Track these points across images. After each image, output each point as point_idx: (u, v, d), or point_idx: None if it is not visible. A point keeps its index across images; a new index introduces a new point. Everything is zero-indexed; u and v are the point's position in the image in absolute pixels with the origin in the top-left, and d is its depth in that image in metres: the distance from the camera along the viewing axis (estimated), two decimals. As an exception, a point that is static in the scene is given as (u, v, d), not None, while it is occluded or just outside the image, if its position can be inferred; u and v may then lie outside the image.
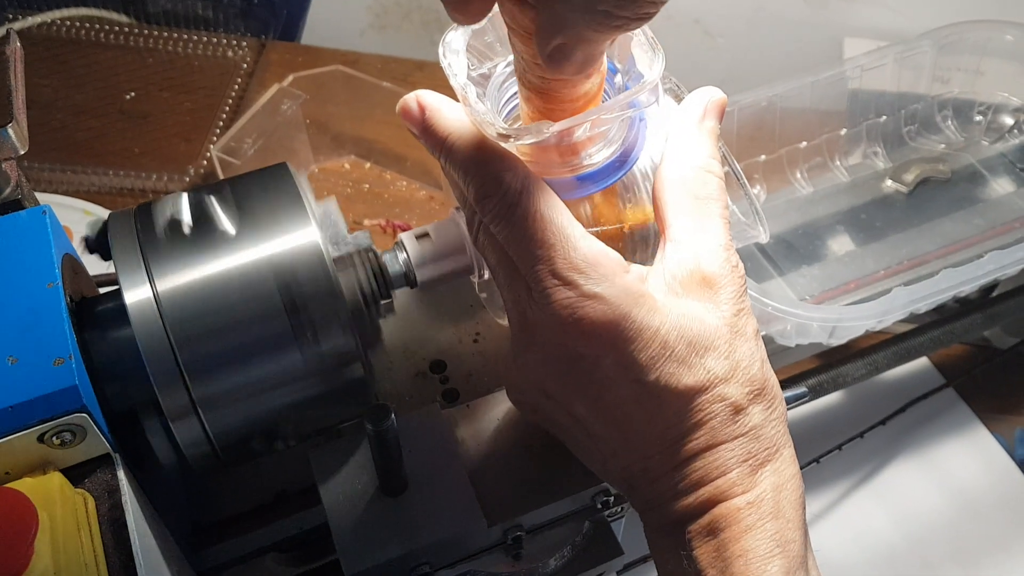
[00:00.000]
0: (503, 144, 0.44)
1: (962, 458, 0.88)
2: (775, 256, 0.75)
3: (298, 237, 0.46)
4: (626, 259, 0.48)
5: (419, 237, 0.53)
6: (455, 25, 0.47)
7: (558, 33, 0.34)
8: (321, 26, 1.31)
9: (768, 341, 0.67)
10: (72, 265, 0.48)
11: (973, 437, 0.89)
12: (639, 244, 0.50)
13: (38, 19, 1.19)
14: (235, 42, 1.19)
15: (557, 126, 0.42)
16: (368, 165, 1.08)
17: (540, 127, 0.42)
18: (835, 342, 0.66)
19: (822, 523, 0.83)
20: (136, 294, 0.44)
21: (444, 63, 0.46)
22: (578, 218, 0.49)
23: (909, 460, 0.87)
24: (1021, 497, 0.86)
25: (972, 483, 0.87)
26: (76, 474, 0.43)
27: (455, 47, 0.47)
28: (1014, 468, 0.87)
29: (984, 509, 0.85)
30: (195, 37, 1.20)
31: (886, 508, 0.84)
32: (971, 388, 0.92)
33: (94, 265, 0.92)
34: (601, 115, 0.44)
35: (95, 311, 0.47)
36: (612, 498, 0.52)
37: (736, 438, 0.43)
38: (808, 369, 0.73)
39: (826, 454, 0.78)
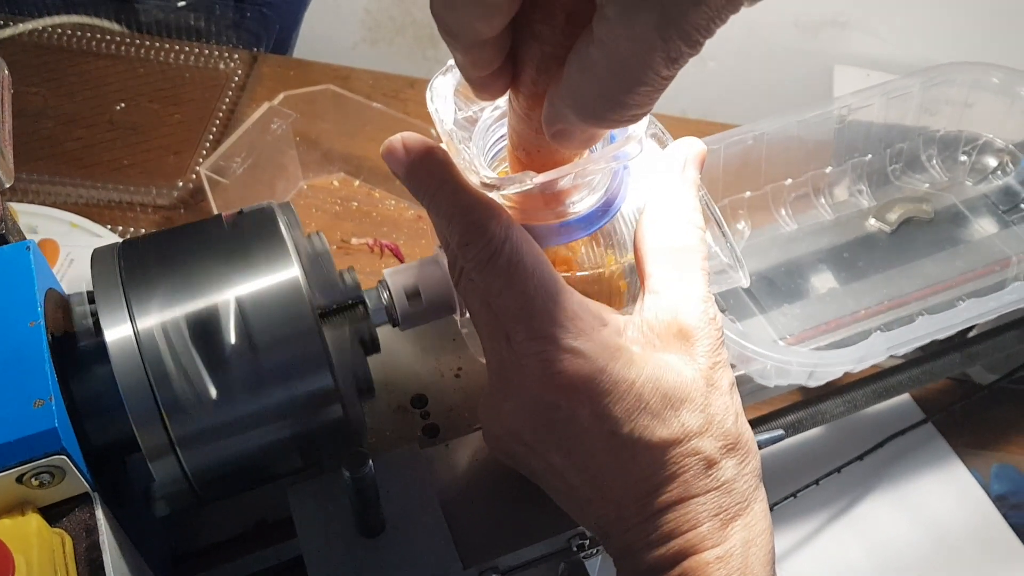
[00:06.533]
0: (487, 193, 0.44)
1: (938, 493, 0.88)
2: (757, 294, 0.76)
3: (280, 279, 0.46)
4: (607, 304, 0.49)
5: (402, 276, 0.53)
6: (443, 69, 0.48)
7: (559, 122, 0.37)
8: (314, 40, 1.32)
9: (747, 380, 0.68)
10: (55, 299, 0.48)
11: (950, 472, 0.90)
12: (620, 289, 0.51)
13: (29, 26, 1.19)
14: (227, 54, 1.19)
15: (540, 177, 0.43)
16: (357, 183, 1.08)
17: (524, 177, 0.43)
18: (814, 383, 0.67)
19: (799, 556, 0.84)
20: (116, 332, 0.44)
21: (431, 108, 0.46)
22: (561, 263, 0.49)
23: (886, 494, 0.88)
24: (995, 533, 0.87)
25: (948, 518, 0.87)
26: (54, 513, 0.43)
27: (442, 92, 0.47)
28: (989, 504, 0.88)
29: (959, 544, 0.86)
30: (187, 48, 1.20)
31: (862, 542, 0.85)
32: (949, 423, 0.92)
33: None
34: (587, 167, 0.44)
35: (77, 347, 0.47)
36: (588, 541, 0.53)
37: (708, 492, 0.43)
38: (787, 405, 0.74)
39: (803, 488, 0.78)
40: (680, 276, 0.46)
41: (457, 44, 0.36)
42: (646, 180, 0.50)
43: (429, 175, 0.45)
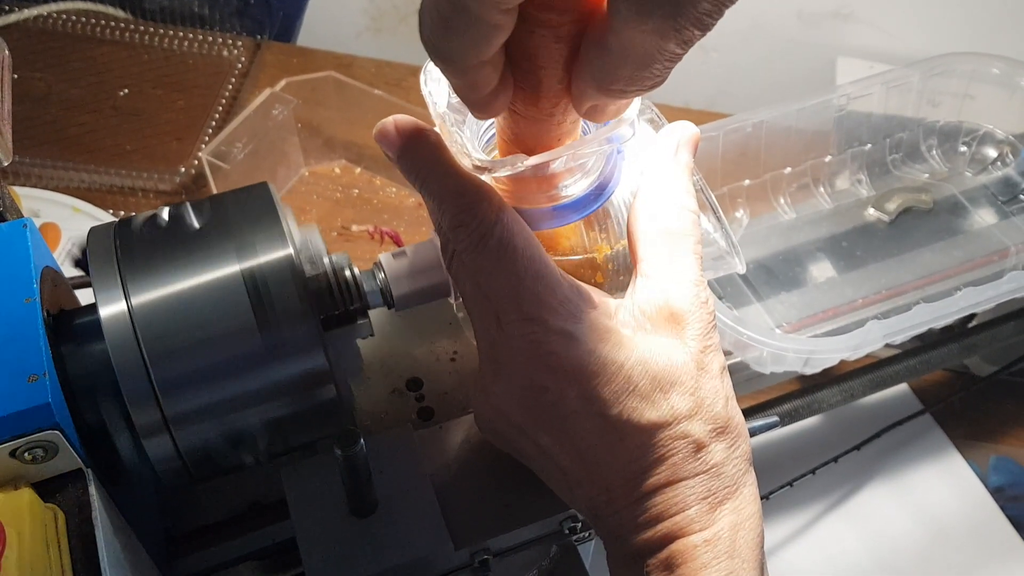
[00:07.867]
0: (479, 175, 0.45)
1: (936, 485, 0.88)
2: (755, 281, 0.76)
3: (273, 256, 0.46)
4: (600, 287, 0.49)
5: (397, 258, 0.53)
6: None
7: (589, 101, 0.38)
8: (317, 28, 1.32)
9: (744, 367, 0.68)
10: (52, 277, 0.49)
11: (947, 464, 0.90)
12: (613, 272, 0.51)
13: (34, 12, 1.19)
14: (231, 41, 1.20)
15: (532, 160, 0.43)
16: (359, 170, 1.09)
17: (516, 160, 0.43)
18: (810, 371, 0.67)
19: (794, 545, 0.84)
20: (111, 309, 0.45)
21: (425, 91, 0.46)
22: (554, 247, 0.49)
23: (883, 485, 0.88)
24: (992, 525, 0.87)
25: (944, 509, 0.87)
26: (48, 488, 0.43)
27: (436, 75, 0.47)
28: (986, 496, 0.88)
29: (955, 536, 0.86)
30: (191, 35, 1.20)
31: (858, 532, 0.85)
32: (947, 414, 0.92)
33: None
34: (579, 149, 0.44)
35: (72, 325, 0.47)
36: (580, 524, 0.53)
37: (697, 475, 0.43)
38: (784, 394, 0.74)
39: (800, 477, 0.78)
40: (672, 259, 0.46)
41: (454, 70, 0.36)
42: (639, 164, 0.50)
43: (421, 157, 0.45)
